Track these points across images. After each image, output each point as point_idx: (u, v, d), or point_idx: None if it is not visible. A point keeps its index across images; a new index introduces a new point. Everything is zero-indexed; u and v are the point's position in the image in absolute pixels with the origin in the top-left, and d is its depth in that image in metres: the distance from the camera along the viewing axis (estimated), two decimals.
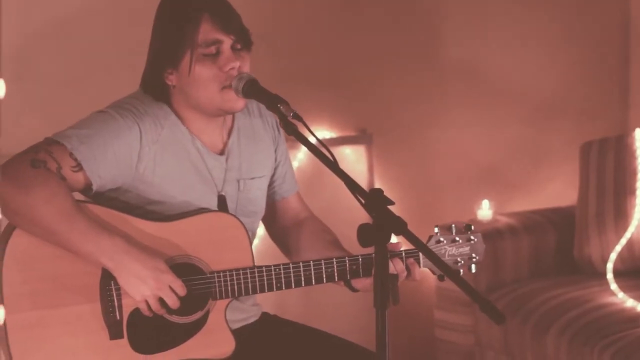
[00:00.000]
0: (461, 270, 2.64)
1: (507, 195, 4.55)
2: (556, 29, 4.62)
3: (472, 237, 2.65)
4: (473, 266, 2.66)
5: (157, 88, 2.51)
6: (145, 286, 2.35)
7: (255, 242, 3.79)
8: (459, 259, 2.64)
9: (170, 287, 2.37)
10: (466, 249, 2.64)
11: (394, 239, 2.38)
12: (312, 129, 2.39)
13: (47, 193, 2.32)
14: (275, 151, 2.71)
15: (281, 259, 2.73)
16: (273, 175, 2.72)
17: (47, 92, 3.76)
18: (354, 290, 2.57)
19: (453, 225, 2.64)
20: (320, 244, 2.66)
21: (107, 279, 2.37)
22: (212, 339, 2.46)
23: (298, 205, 2.78)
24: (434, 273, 2.58)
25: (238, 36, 2.46)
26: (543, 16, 4.59)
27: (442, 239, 2.61)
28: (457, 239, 2.63)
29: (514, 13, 4.54)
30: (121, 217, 2.41)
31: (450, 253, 2.62)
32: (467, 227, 2.65)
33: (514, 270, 4.14)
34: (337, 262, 2.52)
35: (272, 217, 2.76)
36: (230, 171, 2.58)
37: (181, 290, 2.39)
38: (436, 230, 2.62)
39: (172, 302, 2.38)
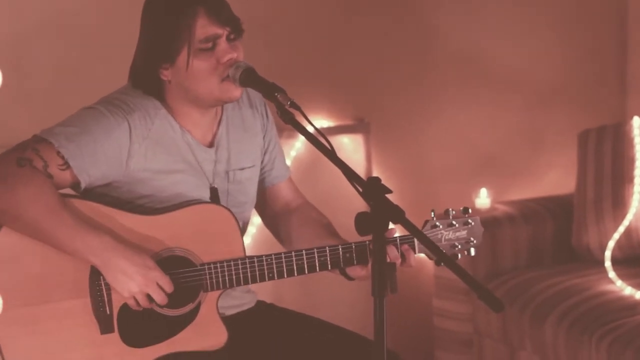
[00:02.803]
0: (459, 255, 2.59)
1: (505, 183, 4.55)
2: (554, 16, 4.61)
3: (469, 221, 2.60)
4: (472, 249, 2.61)
5: (150, 83, 2.49)
6: (132, 283, 2.35)
7: (253, 230, 3.81)
8: (456, 243, 2.59)
9: (158, 284, 2.37)
10: (463, 233, 2.60)
11: (391, 227, 2.38)
12: (309, 117, 2.39)
13: (33, 191, 2.31)
14: (264, 138, 2.69)
15: (278, 248, 2.72)
16: (262, 162, 2.70)
17: (42, 83, 3.75)
18: (349, 278, 2.55)
19: (450, 209, 2.60)
20: (311, 231, 2.64)
21: (97, 274, 2.37)
22: (204, 331, 2.45)
23: (289, 193, 2.76)
24: (430, 258, 2.56)
25: (232, 27, 2.45)
26: (541, 3, 4.58)
27: (438, 223, 2.57)
28: (454, 222, 2.58)
29: (512, 1, 4.53)
30: (110, 212, 2.40)
31: (447, 237, 2.58)
32: (465, 210, 2.61)
33: (512, 258, 4.14)
34: (330, 251, 2.49)
35: (263, 205, 2.75)
36: (220, 163, 2.57)
37: (168, 287, 2.38)
38: (432, 214, 2.59)
39: (160, 298, 2.38)
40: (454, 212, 2.60)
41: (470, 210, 2.62)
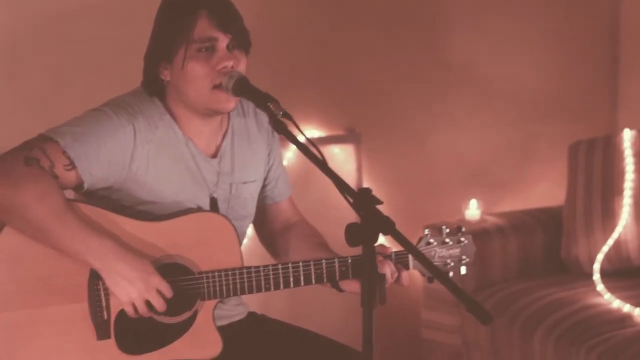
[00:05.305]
0: (451, 273, 2.62)
1: (495, 195, 4.56)
2: (545, 29, 4.62)
3: (462, 239, 2.64)
4: (463, 268, 2.65)
5: (152, 83, 2.50)
6: (132, 288, 2.34)
7: (245, 241, 3.80)
8: (448, 261, 2.63)
9: (158, 290, 2.37)
10: (456, 251, 2.63)
11: (382, 238, 2.38)
12: (300, 128, 2.39)
13: (39, 191, 2.30)
14: (269, 155, 2.70)
15: (269, 258, 2.72)
16: (265, 179, 2.71)
17: (39, 90, 3.74)
18: (340, 290, 2.56)
19: (444, 227, 2.63)
20: (307, 247, 2.65)
21: (95, 278, 2.36)
22: (200, 340, 2.45)
23: (289, 210, 2.78)
24: (423, 275, 2.58)
25: (235, 36, 2.45)
26: (532, 17, 4.60)
27: (432, 240, 2.60)
28: (447, 240, 2.62)
29: (503, 14, 4.54)
30: (111, 217, 2.40)
31: (440, 255, 2.61)
32: (458, 229, 2.65)
33: (501, 270, 4.15)
34: (326, 264, 2.50)
35: (262, 221, 2.76)
36: (223, 174, 2.57)
37: (168, 293, 2.37)
38: (426, 231, 2.61)
39: (159, 304, 2.37)
40: (447, 230, 2.62)
41: (463, 229, 2.65)
